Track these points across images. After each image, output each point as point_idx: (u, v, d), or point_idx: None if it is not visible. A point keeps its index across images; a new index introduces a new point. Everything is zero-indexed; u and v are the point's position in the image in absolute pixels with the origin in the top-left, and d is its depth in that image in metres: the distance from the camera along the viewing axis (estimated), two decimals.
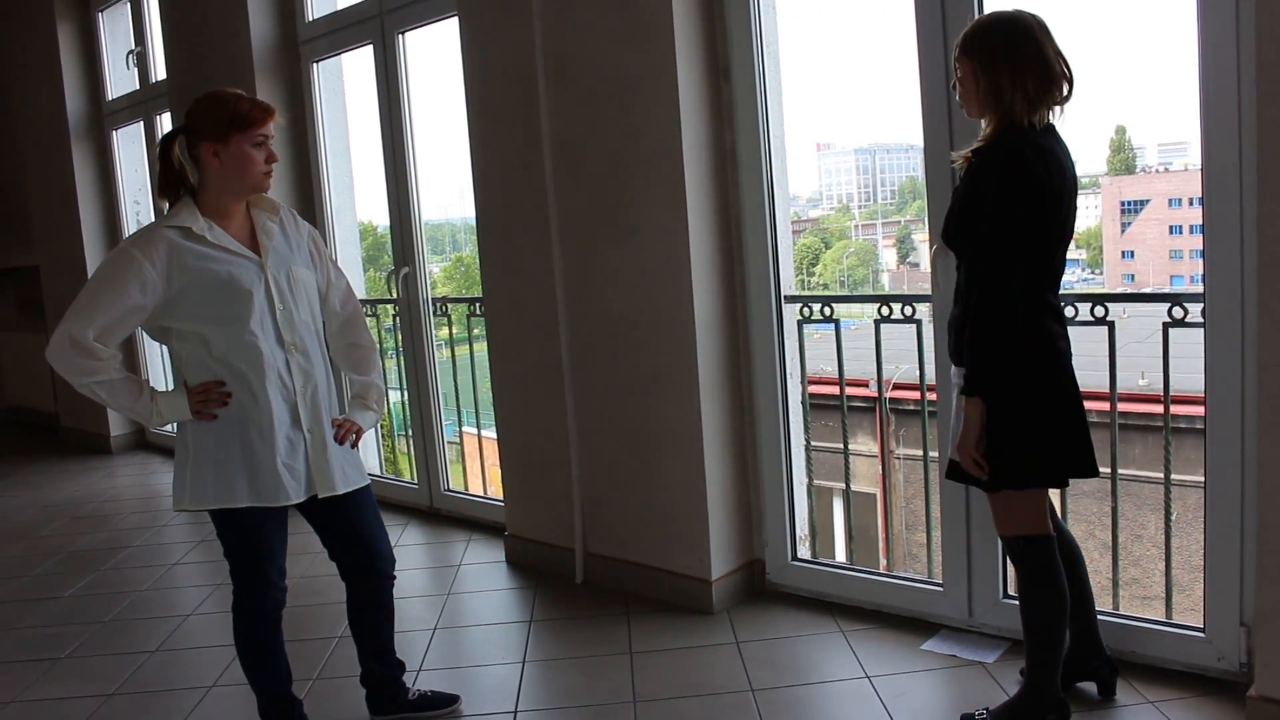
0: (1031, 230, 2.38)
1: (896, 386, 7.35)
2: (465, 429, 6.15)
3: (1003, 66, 2.36)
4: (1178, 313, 2.84)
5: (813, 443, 3.76)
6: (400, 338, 5.11)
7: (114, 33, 7.10)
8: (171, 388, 2.61)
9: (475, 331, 4.94)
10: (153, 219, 2.81)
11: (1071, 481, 2.69)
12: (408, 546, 4.64)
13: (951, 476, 2.66)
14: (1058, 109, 2.44)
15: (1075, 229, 2.56)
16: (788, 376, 3.62)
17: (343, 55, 5.19)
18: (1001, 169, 2.36)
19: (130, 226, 7.16)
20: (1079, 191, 2.53)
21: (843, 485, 3.92)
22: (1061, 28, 2.42)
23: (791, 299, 3.60)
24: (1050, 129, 2.43)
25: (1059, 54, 2.40)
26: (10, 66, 7.72)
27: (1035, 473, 2.52)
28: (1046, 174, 2.36)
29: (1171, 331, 2.89)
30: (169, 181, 2.54)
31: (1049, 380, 2.48)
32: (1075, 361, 2.57)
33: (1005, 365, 2.45)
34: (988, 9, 2.93)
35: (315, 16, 5.20)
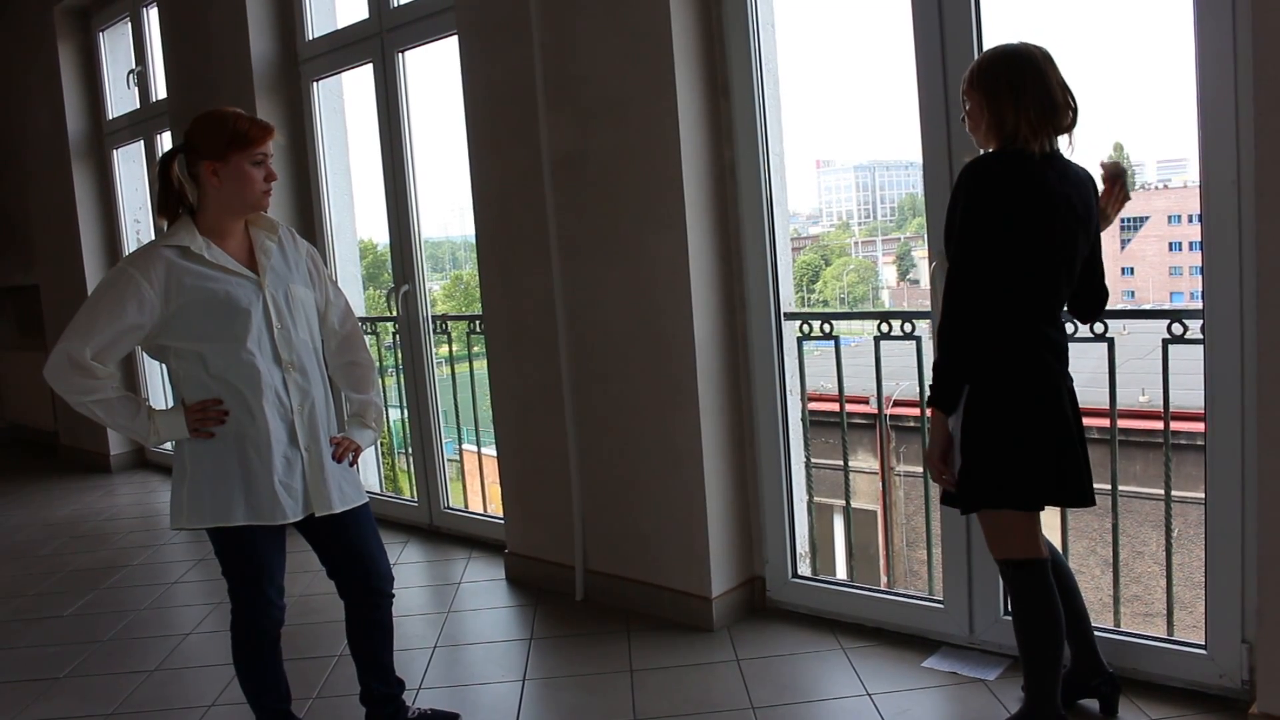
0: (1001, 250, 2.39)
1: (896, 403, 7.35)
2: (465, 446, 6.15)
3: (1006, 98, 2.40)
4: (1177, 329, 2.84)
5: (813, 460, 3.76)
6: (400, 355, 5.11)
7: (114, 52, 7.14)
8: (170, 406, 2.61)
9: (475, 349, 4.94)
10: (153, 238, 2.81)
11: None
12: (407, 564, 4.64)
13: (943, 500, 2.68)
14: (1065, 138, 2.46)
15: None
16: (788, 393, 3.62)
17: (343, 74, 5.21)
18: (970, 184, 2.40)
19: (130, 245, 7.17)
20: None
21: (843, 502, 3.92)
22: (1058, 46, 2.44)
23: (791, 316, 3.60)
24: (1054, 158, 2.43)
25: (1063, 84, 2.43)
26: (11, 86, 7.76)
27: (1001, 495, 2.51)
28: (1024, 198, 2.37)
29: (1171, 348, 2.89)
30: (168, 200, 2.55)
31: (1024, 406, 2.47)
32: (1075, 378, 2.57)
33: (964, 380, 2.49)
34: (985, 27, 2.95)
35: (315, 35, 5.22)
